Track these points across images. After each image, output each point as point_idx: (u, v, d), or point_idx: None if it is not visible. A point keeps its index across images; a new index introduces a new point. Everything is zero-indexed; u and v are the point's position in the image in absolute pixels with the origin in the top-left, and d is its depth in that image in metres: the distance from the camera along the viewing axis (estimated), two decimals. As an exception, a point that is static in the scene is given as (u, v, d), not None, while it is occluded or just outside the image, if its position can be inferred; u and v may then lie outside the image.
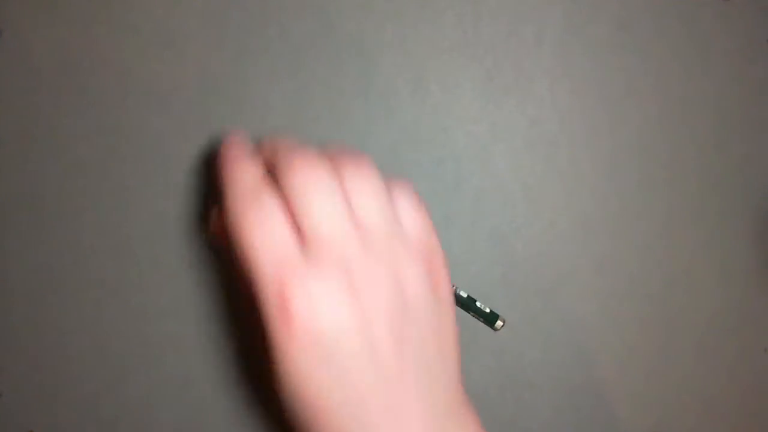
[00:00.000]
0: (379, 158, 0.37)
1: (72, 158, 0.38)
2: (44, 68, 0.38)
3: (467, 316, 0.37)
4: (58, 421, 0.38)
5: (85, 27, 0.38)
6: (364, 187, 0.26)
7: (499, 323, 0.36)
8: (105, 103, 0.38)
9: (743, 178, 0.38)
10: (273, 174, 0.27)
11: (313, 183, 0.25)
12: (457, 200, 0.38)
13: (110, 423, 0.38)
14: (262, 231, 0.25)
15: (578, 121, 0.38)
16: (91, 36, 0.38)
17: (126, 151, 0.38)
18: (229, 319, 0.38)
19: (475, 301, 0.36)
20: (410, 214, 0.27)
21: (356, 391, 0.24)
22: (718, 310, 0.38)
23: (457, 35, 0.37)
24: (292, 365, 0.24)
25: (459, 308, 0.37)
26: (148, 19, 0.37)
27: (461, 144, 0.37)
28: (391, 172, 0.37)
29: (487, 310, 0.36)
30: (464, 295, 0.36)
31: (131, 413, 0.38)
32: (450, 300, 0.28)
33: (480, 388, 0.38)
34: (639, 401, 0.38)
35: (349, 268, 0.24)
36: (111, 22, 0.38)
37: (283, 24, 0.37)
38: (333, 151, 0.28)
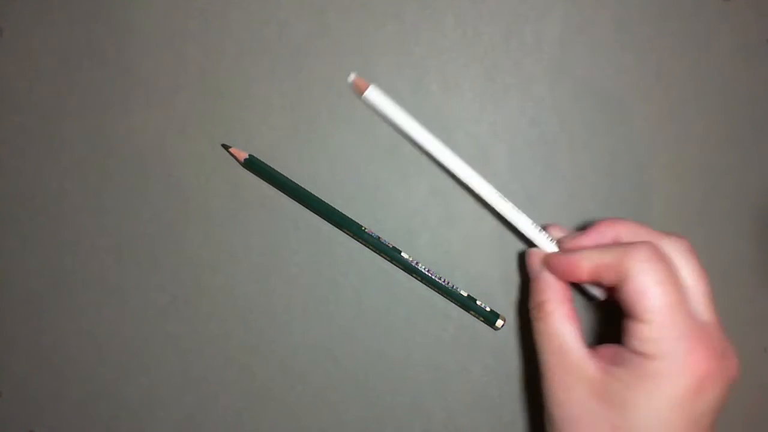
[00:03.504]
0: (379, 158, 0.37)
1: (72, 158, 0.38)
2: (44, 68, 0.38)
3: (467, 316, 0.37)
4: (58, 421, 0.38)
5: (85, 27, 0.38)
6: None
7: (499, 322, 0.36)
8: (105, 103, 0.38)
9: (743, 178, 0.38)
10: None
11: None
12: (457, 200, 0.38)
13: (110, 423, 0.38)
14: None
15: (578, 121, 0.38)
16: (91, 36, 0.38)
17: (126, 151, 0.38)
18: (230, 319, 0.38)
19: (475, 300, 0.36)
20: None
21: None
22: (718, 310, 0.38)
23: (457, 35, 0.37)
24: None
25: (459, 308, 0.37)
26: (148, 19, 0.37)
27: (461, 144, 0.37)
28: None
29: (488, 310, 0.36)
30: (464, 294, 0.36)
31: (131, 413, 0.38)
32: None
33: (480, 388, 0.38)
34: (639, 401, 0.38)
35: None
36: (111, 22, 0.38)
37: (283, 24, 0.37)
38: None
